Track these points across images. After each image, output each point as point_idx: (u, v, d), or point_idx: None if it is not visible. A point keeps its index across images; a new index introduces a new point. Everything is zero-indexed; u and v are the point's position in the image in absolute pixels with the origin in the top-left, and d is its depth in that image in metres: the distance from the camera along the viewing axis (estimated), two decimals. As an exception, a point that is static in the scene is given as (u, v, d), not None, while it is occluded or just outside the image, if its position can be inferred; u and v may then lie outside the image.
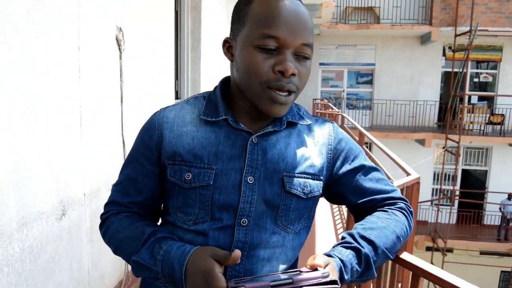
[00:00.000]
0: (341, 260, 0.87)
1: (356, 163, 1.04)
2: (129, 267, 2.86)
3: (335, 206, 5.19)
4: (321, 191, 1.02)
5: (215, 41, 5.17)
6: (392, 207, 1.02)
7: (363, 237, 0.92)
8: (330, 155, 1.03)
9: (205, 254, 0.83)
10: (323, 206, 5.00)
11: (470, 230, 13.00)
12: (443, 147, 12.42)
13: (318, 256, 0.85)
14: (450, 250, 12.77)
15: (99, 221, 2.53)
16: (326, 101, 11.50)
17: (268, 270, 0.94)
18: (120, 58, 2.64)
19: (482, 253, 13.12)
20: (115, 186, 1.06)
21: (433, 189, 14.02)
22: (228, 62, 1.00)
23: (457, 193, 13.24)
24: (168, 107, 1.02)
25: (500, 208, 12.83)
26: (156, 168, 0.99)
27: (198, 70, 4.60)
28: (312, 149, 1.01)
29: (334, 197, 1.07)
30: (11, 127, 1.70)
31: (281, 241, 0.97)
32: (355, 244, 0.91)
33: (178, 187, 0.95)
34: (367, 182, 1.03)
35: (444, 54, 13.87)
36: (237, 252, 0.80)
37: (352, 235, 0.94)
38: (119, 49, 2.62)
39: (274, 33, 0.86)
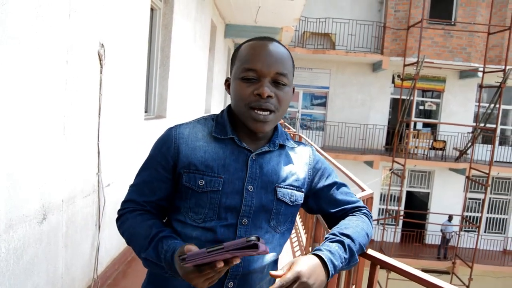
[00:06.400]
0: (330, 251, 1.09)
1: (330, 180, 1.29)
2: (97, 273, 2.94)
3: (293, 236, 5.38)
4: (302, 200, 1.24)
5: (184, 59, 5.34)
6: (358, 213, 1.27)
7: (342, 234, 1.15)
8: (310, 173, 1.27)
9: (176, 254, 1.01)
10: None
11: (413, 248, 13.61)
12: (390, 169, 13.01)
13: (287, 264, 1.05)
14: (393, 268, 13.27)
15: (74, 227, 2.62)
16: (283, 121, 11.83)
17: (261, 262, 1.16)
18: (101, 72, 2.76)
19: (423, 270, 13.51)
20: (132, 187, 1.23)
21: (379, 209, 14.61)
22: (197, 81, 1.22)
23: (402, 213, 13.87)
24: (182, 124, 1.22)
25: (441, 229, 13.55)
26: (170, 174, 1.17)
27: (166, 85, 4.74)
28: (297, 167, 1.24)
29: (311, 208, 1.31)
30: (3, 135, 1.81)
31: (271, 239, 1.19)
32: (339, 238, 1.13)
33: (192, 191, 1.13)
34: (339, 195, 1.28)
35: (393, 82, 14.67)
36: (188, 247, 0.97)
37: (334, 234, 1.16)
38: (100, 64, 2.75)
39: (252, 66, 1.12)
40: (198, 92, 6.75)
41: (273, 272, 1.01)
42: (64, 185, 2.41)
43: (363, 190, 2.74)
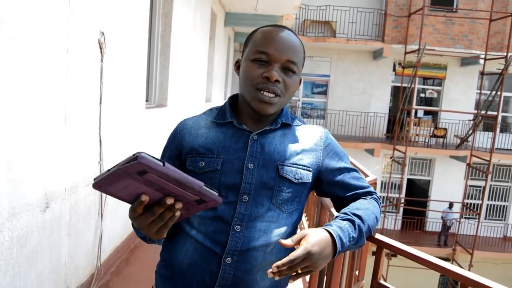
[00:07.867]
0: (340, 228, 1.10)
1: (341, 164, 1.29)
2: (100, 261, 2.95)
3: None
4: (310, 179, 1.22)
5: (184, 47, 5.30)
6: (369, 197, 1.28)
7: (354, 214, 1.16)
8: (320, 153, 1.26)
9: None
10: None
11: (413, 236, 13.66)
12: (391, 157, 13.01)
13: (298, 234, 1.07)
14: (394, 255, 13.36)
15: (77, 215, 2.62)
16: (283, 109, 11.79)
17: (264, 240, 1.16)
18: (101, 61, 2.74)
19: (423, 258, 13.75)
20: None
21: (380, 196, 14.57)
22: (198, 70, 1.23)
23: (402, 200, 13.91)
24: (189, 118, 1.30)
25: (442, 216, 13.60)
26: (176, 162, 1.24)
27: (167, 74, 4.72)
28: (304, 146, 1.24)
29: (323, 190, 1.31)
30: (4, 123, 1.80)
31: (276, 217, 1.18)
32: (350, 217, 1.15)
33: (194, 173, 1.18)
34: (351, 180, 1.29)
35: (394, 70, 14.59)
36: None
37: (345, 213, 1.18)
38: (101, 52, 2.73)
39: (264, 49, 1.16)
40: (199, 81, 6.72)
41: (283, 241, 1.03)
42: (66, 173, 2.41)
43: (366, 176, 2.74)
